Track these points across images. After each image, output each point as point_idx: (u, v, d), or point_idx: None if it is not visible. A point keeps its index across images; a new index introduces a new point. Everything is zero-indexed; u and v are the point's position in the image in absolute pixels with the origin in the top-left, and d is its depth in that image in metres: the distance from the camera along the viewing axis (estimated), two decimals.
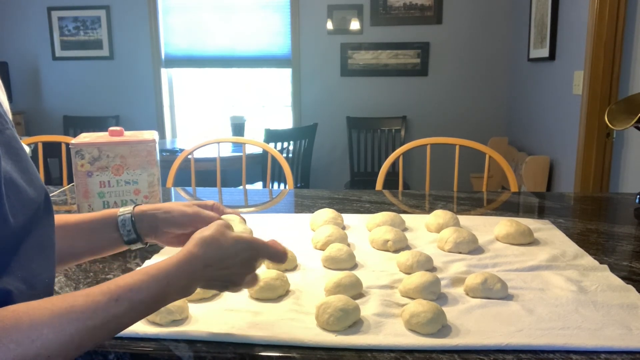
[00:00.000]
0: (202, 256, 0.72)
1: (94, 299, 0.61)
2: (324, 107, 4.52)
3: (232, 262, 0.74)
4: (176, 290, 0.69)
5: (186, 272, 0.70)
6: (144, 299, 0.65)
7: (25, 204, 0.66)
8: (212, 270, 0.73)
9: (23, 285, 0.64)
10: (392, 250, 1.17)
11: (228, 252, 0.74)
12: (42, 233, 0.69)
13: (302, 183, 3.88)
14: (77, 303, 0.59)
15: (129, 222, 0.84)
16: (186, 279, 0.70)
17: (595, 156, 2.81)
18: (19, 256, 0.64)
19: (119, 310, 0.62)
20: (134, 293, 0.64)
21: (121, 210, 0.86)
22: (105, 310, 0.61)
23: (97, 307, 0.60)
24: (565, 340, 0.79)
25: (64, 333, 0.56)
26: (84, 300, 0.60)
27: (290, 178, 2.03)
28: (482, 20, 4.28)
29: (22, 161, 0.69)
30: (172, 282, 0.68)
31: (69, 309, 0.58)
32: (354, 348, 0.78)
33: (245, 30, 4.49)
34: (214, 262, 0.73)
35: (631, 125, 1.38)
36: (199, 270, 0.72)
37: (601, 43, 2.69)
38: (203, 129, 4.84)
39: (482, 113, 4.41)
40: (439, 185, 4.19)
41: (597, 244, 1.22)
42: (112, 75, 4.68)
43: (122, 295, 0.63)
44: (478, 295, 0.94)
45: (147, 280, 0.66)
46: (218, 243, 0.74)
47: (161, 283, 0.67)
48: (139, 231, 0.85)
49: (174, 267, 0.70)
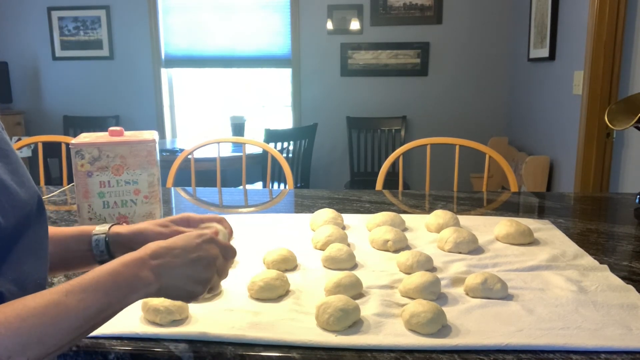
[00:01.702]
0: (145, 247, 0.71)
1: (43, 296, 0.61)
2: (324, 107, 4.52)
3: (183, 247, 0.73)
4: (125, 279, 0.67)
5: (131, 260, 0.69)
6: (91, 288, 0.64)
7: (16, 206, 0.65)
8: (163, 258, 0.71)
9: (14, 287, 0.64)
10: (392, 250, 1.17)
11: (174, 240, 0.74)
12: (34, 235, 0.69)
13: (302, 183, 3.88)
14: (28, 302, 0.59)
15: (102, 243, 0.84)
16: (133, 266, 0.68)
17: (595, 156, 2.81)
18: (10, 258, 0.64)
19: (69, 302, 0.61)
20: (81, 286, 0.63)
21: (97, 229, 0.86)
22: (56, 305, 0.60)
23: (47, 303, 0.60)
24: (565, 340, 0.79)
25: (20, 330, 0.56)
26: (33, 298, 0.60)
27: (290, 178, 2.03)
28: (482, 20, 4.28)
29: (12, 163, 0.69)
30: (117, 270, 0.67)
31: (22, 308, 0.58)
32: (354, 348, 0.78)
33: (245, 30, 4.49)
34: (160, 250, 0.71)
35: (631, 125, 1.38)
36: (145, 257, 0.70)
37: (601, 43, 2.69)
38: (203, 129, 4.84)
39: (482, 113, 4.41)
40: (439, 185, 4.19)
41: (597, 244, 1.22)
42: (112, 75, 4.68)
43: (70, 289, 0.62)
44: (478, 295, 0.94)
45: (93, 272, 0.66)
46: (164, 241, 0.74)
47: (106, 272, 0.66)
48: (113, 253, 0.84)
49: (119, 258, 0.69)
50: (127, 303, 0.67)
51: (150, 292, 0.69)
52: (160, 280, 0.70)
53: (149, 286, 0.69)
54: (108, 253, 0.84)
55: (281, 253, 1.08)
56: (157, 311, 0.84)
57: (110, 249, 0.84)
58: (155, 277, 0.69)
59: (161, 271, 0.70)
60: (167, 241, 0.74)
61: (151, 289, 0.69)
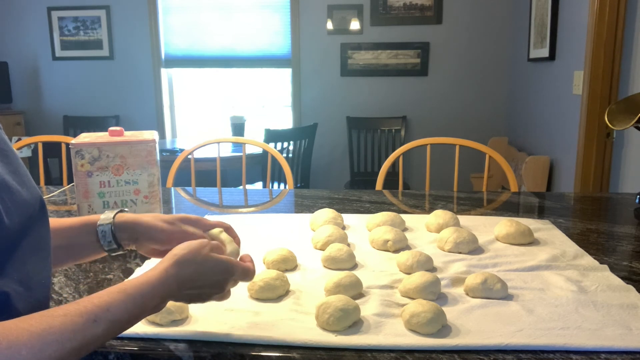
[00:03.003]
0: (175, 275, 0.72)
1: (72, 319, 0.60)
2: (324, 107, 4.52)
3: (204, 283, 0.76)
4: (151, 307, 0.70)
5: (160, 291, 0.71)
6: (121, 318, 0.65)
7: (19, 206, 0.65)
8: (185, 288, 0.74)
9: (20, 287, 0.64)
10: (392, 250, 1.17)
11: (202, 273, 0.75)
12: (37, 234, 0.69)
13: (302, 183, 3.88)
14: (55, 324, 0.58)
15: (109, 234, 0.84)
16: (160, 297, 0.71)
17: (595, 156, 2.81)
18: (14, 258, 0.64)
19: (97, 330, 0.61)
20: (112, 313, 0.64)
21: (102, 218, 0.85)
22: (83, 331, 0.60)
23: (75, 328, 0.59)
24: (565, 340, 0.79)
25: (43, 355, 0.55)
26: (62, 320, 0.59)
27: (290, 178, 2.03)
28: (482, 20, 4.28)
29: (12, 163, 0.69)
30: (147, 301, 0.69)
31: (48, 330, 0.57)
32: (354, 348, 0.78)
33: (245, 30, 4.49)
34: (187, 282, 0.74)
35: (631, 125, 1.38)
36: (173, 290, 0.73)
37: (601, 43, 2.69)
38: (203, 129, 4.84)
39: (482, 113, 4.41)
40: (439, 185, 4.19)
41: (597, 244, 1.22)
42: (112, 75, 4.68)
43: (100, 315, 0.62)
44: (478, 295, 0.94)
45: (125, 300, 0.66)
46: (194, 264, 0.74)
47: (137, 302, 0.67)
48: (119, 240, 0.85)
49: (150, 286, 0.70)
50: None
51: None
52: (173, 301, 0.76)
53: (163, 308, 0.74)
54: (115, 242, 0.85)
55: (281, 253, 1.08)
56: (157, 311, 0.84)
57: (116, 236, 0.85)
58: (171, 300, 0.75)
59: (179, 298, 0.75)
60: (197, 269, 0.75)
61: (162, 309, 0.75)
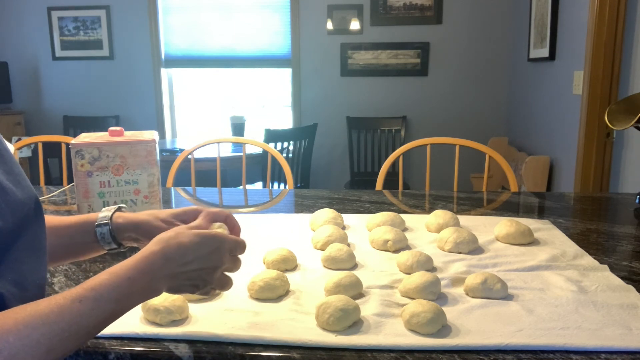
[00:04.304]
0: (160, 251, 0.71)
1: (57, 301, 0.60)
2: (324, 107, 4.52)
3: (195, 256, 0.73)
4: (140, 287, 0.68)
5: (147, 267, 0.69)
6: (108, 296, 0.64)
7: (14, 206, 0.65)
8: (174, 266, 0.71)
9: (14, 288, 0.64)
10: (392, 250, 1.17)
11: (188, 245, 0.72)
12: (32, 235, 0.69)
13: (302, 183, 3.88)
14: (40, 308, 0.58)
15: (108, 236, 0.84)
16: (148, 274, 0.69)
17: (595, 156, 2.81)
18: (9, 259, 0.63)
19: (84, 309, 0.61)
20: (97, 292, 0.63)
21: (100, 217, 0.85)
22: (70, 313, 0.60)
23: (61, 311, 0.59)
24: (565, 340, 0.79)
25: (30, 339, 0.55)
26: (47, 304, 0.59)
27: (290, 178, 2.03)
28: (482, 20, 4.28)
29: (6, 162, 0.68)
30: (133, 278, 0.67)
31: (33, 314, 0.57)
32: (354, 348, 0.78)
33: (245, 30, 4.49)
34: (174, 255, 0.71)
35: (631, 125, 1.38)
36: (160, 265, 0.70)
37: (601, 43, 2.69)
38: (203, 129, 4.84)
39: (482, 113, 4.41)
40: (439, 185, 4.19)
41: (597, 244, 1.22)
42: (112, 75, 4.68)
43: (85, 295, 0.62)
44: (478, 295, 0.94)
45: (109, 279, 0.65)
46: (177, 239, 0.73)
47: (121, 280, 0.66)
48: (119, 240, 0.86)
49: (134, 262, 0.69)
50: (135, 306, 0.69)
51: (157, 296, 0.73)
52: (170, 285, 0.73)
53: (159, 292, 0.71)
54: (114, 242, 0.85)
55: (281, 253, 1.08)
56: (157, 311, 0.84)
57: (115, 236, 0.85)
58: (166, 287, 0.72)
59: (173, 279, 0.72)
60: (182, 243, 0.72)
61: (159, 294, 0.72)
